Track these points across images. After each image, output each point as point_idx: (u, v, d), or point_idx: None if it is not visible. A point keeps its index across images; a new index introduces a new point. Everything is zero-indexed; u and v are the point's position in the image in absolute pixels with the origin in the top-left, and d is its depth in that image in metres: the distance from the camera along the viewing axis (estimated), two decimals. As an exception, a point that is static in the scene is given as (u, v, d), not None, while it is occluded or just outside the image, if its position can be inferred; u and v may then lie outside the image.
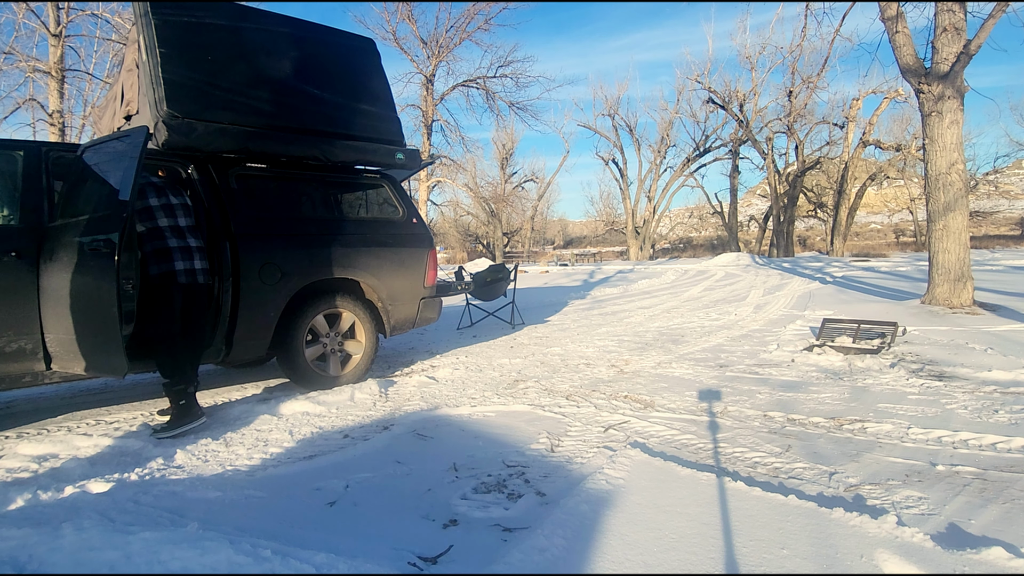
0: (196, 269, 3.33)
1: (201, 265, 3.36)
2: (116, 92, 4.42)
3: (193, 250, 3.35)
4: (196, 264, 3.34)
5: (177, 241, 3.31)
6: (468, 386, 4.08)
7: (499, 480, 2.37)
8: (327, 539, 1.88)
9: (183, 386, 3.18)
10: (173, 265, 3.25)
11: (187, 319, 3.31)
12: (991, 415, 3.01)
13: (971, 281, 6.83)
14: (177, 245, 3.29)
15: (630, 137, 34.37)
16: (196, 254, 3.36)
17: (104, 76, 16.95)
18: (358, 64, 4.67)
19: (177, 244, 3.30)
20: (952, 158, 6.81)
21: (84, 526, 1.77)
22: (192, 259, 3.33)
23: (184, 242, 3.33)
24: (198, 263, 3.35)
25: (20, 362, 3.09)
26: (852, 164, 24.42)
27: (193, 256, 3.34)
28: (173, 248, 3.27)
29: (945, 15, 6.71)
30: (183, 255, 3.30)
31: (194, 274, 3.31)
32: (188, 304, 3.31)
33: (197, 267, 3.34)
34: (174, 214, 3.36)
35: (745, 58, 27.68)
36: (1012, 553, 1.62)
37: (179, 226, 3.35)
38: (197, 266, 3.34)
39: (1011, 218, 39.94)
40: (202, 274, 3.37)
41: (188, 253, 3.32)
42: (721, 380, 4.03)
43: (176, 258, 3.27)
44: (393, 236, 4.54)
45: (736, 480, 2.21)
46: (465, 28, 24.73)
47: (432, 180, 28.63)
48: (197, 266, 3.34)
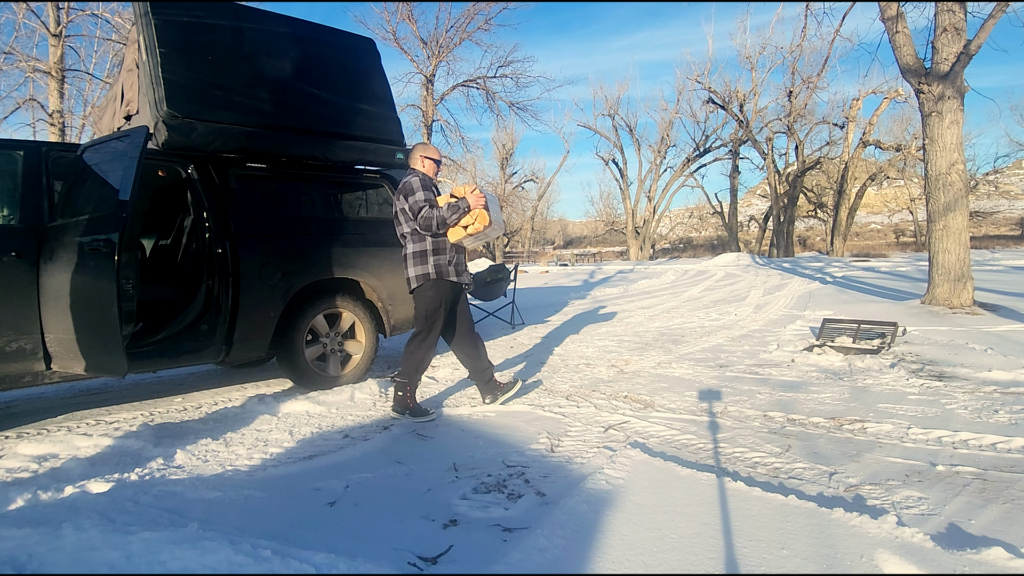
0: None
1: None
2: (116, 92, 4.42)
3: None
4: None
5: None
6: (468, 386, 4.08)
7: (499, 480, 2.37)
8: (327, 539, 1.88)
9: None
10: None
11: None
12: (991, 415, 3.01)
13: (971, 281, 6.82)
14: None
15: (630, 137, 34.40)
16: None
17: (104, 76, 16.98)
18: (358, 64, 4.67)
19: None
20: (952, 158, 6.81)
21: (84, 526, 1.77)
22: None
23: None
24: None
25: (20, 362, 3.09)
26: (852, 164, 24.42)
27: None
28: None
29: (945, 15, 6.71)
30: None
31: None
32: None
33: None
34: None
35: (745, 58, 27.73)
36: (1012, 553, 1.62)
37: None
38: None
39: (1011, 218, 39.94)
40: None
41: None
42: (721, 380, 4.03)
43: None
44: (393, 236, 4.53)
45: (736, 480, 2.21)
46: (465, 28, 24.77)
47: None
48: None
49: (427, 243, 3.33)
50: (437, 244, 3.34)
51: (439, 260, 3.33)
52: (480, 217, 3.30)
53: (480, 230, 3.32)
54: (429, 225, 3.24)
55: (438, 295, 3.35)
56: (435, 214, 3.23)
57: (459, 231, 3.34)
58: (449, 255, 3.37)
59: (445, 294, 3.37)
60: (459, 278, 3.41)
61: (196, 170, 3.73)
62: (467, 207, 3.27)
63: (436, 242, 3.33)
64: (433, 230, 3.27)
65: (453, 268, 3.38)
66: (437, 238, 3.33)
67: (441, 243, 3.35)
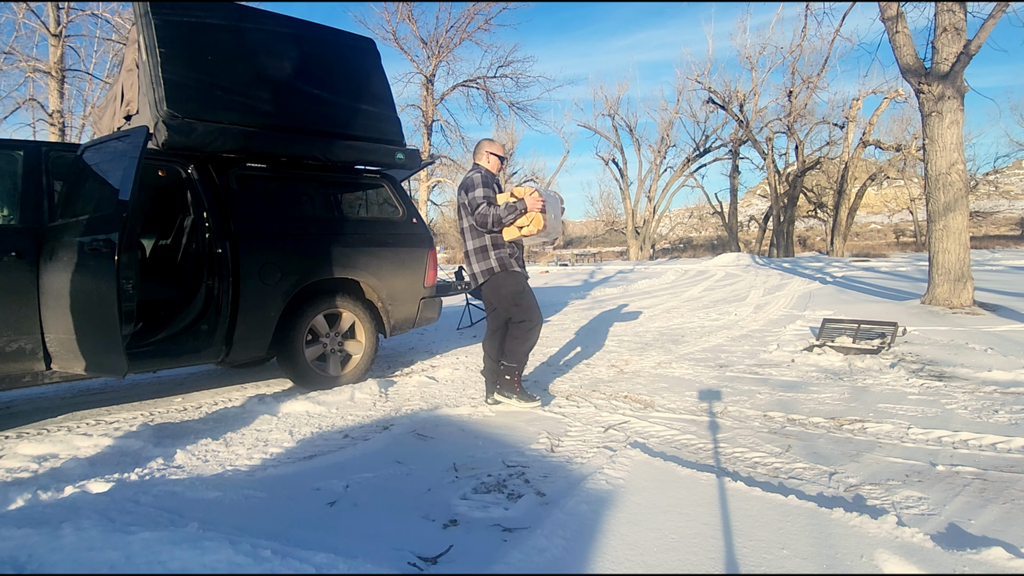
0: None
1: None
2: (116, 92, 4.42)
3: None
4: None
5: None
6: (468, 386, 4.08)
7: (499, 480, 2.37)
8: (327, 539, 1.88)
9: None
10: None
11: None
12: (991, 415, 3.01)
13: (971, 281, 6.82)
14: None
15: (630, 137, 34.39)
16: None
17: (104, 76, 16.98)
18: (358, 64, 4.67)
19: None
20: (952, 158, 6.81)
21: (84, 526, 1.77)
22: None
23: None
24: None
25: (20, 362, 3.09)
26: (852, 164, 24.41)
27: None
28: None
29: (945, 15, 6.71)
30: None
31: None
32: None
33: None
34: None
35: (745, 58, 27.71)
36: (1012, 553, 1.62)
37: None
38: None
39: (1011, 218, 39.94)
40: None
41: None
42: (721, 380, 4.03)
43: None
44: (393, 236, 4.54)
45: (736, 480, 2.21)
46: (465, 28, 24.75)
47: (432, 180, 28.63)
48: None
49: (486, 239, 3.39)
50: (496, 238, 3.40)
51: (500, 253, 3.39)
52: (535, 220, 3.34)
53: (534, 232, 3.37)
54: (485, 222, 3.29)
55: (516, 280, 3.40)
56: (491, 212, 3.28)
57: (514, 231, 3.38)
58: (509, 248, 3.43)
59: (520, 279, 3.42)
60: (521, 270, 3.47)
61: (196, 170, 3.73)
62: (524, 209, 3.30)
63: (495, 237, 3.40)
64: (488, 227, 3.32)
65: (514, 261, 3.43)
66: (494, 233, 3.39)
67: (499, 237, 3.41)
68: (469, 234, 3.44)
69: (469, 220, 3.41)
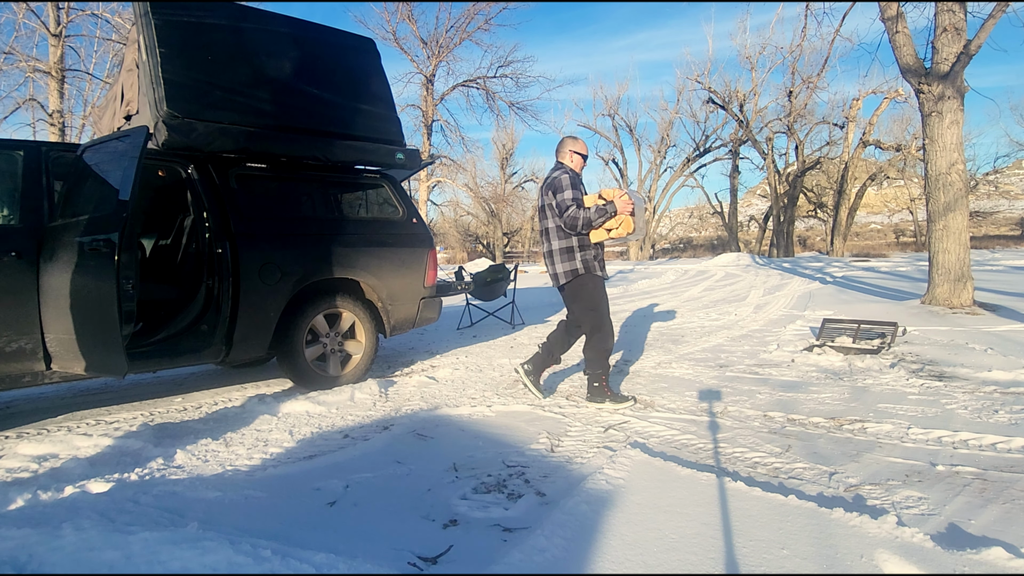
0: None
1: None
2: (116, 92, 4.42)
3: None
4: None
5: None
6: (468, 386, 4.08)
7: (499, 480, 2.37)
8: (327, 539, 1.88)
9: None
10: None
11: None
12: (991, 415, 3.01)
13: (971, 281, 6.82)
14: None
15: (630, 137, 34.40)
16: None
17: (104, 76, 16.98)
18: (358, 64, 4.67)
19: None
20: (952, 158, 6.81)
21: (84, 526, 1.77)
22: None
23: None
24: None
25: (20, 362, 3.09)
26: (852, 164, 24.41)
27: None
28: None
29: (945, 15, 6.71)
30: None
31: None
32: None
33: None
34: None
35: (745, 58, 27.71)
36: (1012, 553, 1.62)
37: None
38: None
39: (1011, 218, 39.93)
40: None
41: None
42: (721, 380, 4.03)
43: None
44: (393, 236, 4.54)
45: (736, 480, 2.21)
46: (465, 28, 24.77)
47: (432, 180, 28.64)
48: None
49: (573, 240, 3.40)
50: (582, 240, 3.41)
51: (586, 256, 3.40)
52: (625, 223, 3.35)
53: (623, 235, 3.38)
54: (575, 225, 3.29)
55: (597, 285, 3.42)
56: (581, 215, 3.27)
57: (602, 233, 3.39)
58: (593, 250, 3.44)
59: (600, 284, 3.45)
60: (602, 273, 3.48)
61: (196, 170, 3.73)
62: (614, 212, 3.31)
63: (581, 238, 3.41)
64: (577, 230, 3.32)
65: (597, 263, 3.45)
66: (581, 235, 3.39)
67: (586, 239, 3.42)
68: (555, 234, 3.43)
69: (555, 221, 3.41)
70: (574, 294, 3.45)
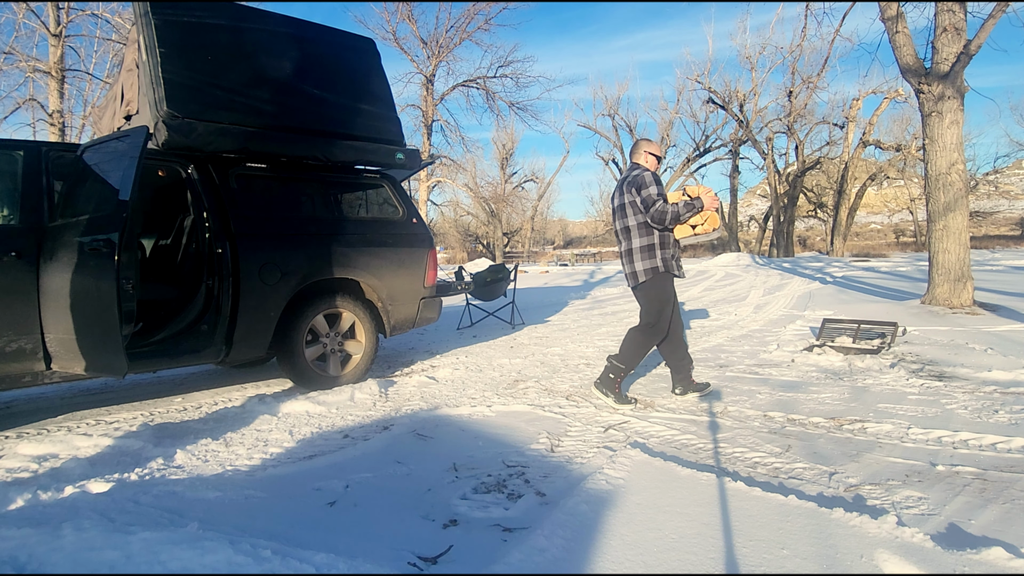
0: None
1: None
2: (116, 92, 4.42)
3: None
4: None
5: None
6: (468, 386, 4.08)
7: (499, 480, 2.37)
8: (327, 539, 1.88)
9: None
10: None
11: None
12: (991, 415, 3.01)
13: (971, 281, 6.82)
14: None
15: (630, 137, 34.31)
16: None
17: (104, 76, 16.98)
18: (358, 64, 4.67)
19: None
20: (952, 158, 6.81)
21: (84, 526, 1.77)
22: None
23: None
24: None
25: (20, 362, 3.09)
26: (852, 164, 24.41)
27: None
28: None
29: (945, 15, 6.71)
30: None
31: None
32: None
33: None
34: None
35: (745, 58, 27.69)
36: (1012, 553, 1.62)
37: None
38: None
39: (1011, 218, 39.93)
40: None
41: None
42: (721, 380, 4.03)
43: None
44: (393, 236, 4.54)
45: (736, 480, 2.21)
46: (465, 28, 24.78)
47: (432, 180, 28.63)
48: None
49: (655, 237, 3.40)
50: (663, 238, 3.41)
51: (665, 254, 3.41)
52: (711, 219, 3.37)
53: (707, 231, 3.39)
54: (662, 218, 3.29)
55: (669, 285, 3.44)
56: (669, 209, 3.28)
57: (687, 229, 3.40)
58: (673, 249, 3.45)
59: (672, 285, 3.46)
60: (679, 272, 3.49)
61: (196, 170, 3.73)
62: (701, 207, 3.32)
63: (663, 236, 3.41)
64: (664, 224, 3.33)
65: (675, 263, 3.46)
66: (664, 232, 3.40)
67: (667, 237, 3.43)
68: (636, 232, 3.44)
69: (636, 218, 3.42)
70: (647, 290, 3.46)
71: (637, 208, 3.40)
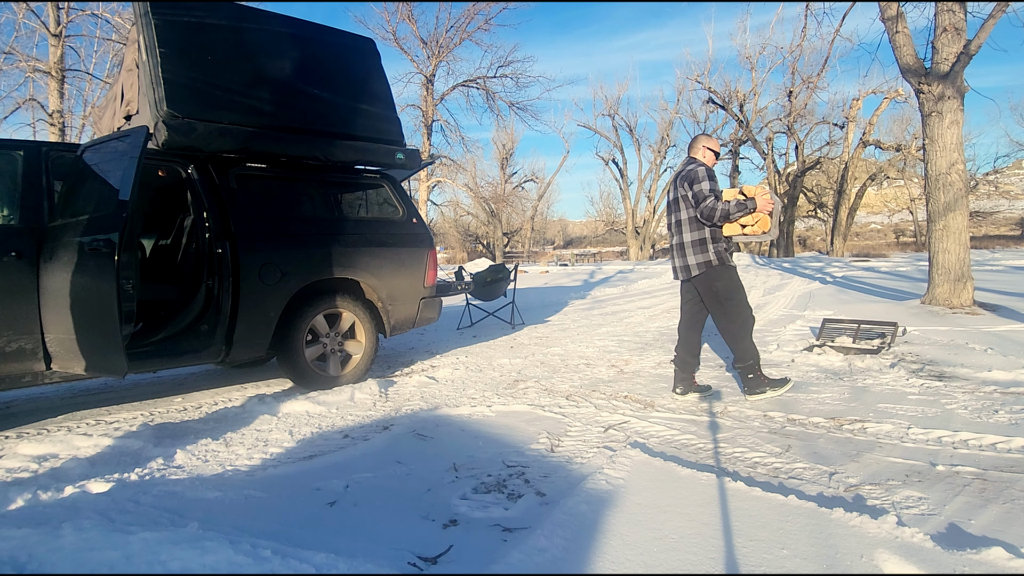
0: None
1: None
2: (116, 92, 4.42)
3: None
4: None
5: None
6: (468, 386, 4.08)
7: (499, 480, 2.37)
8: (327, 539, 1.88)
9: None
10: None
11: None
12: (991, 415, 3.00)
13: (971, 281, 6.82)
14: None
15: (630, 137, 34.42)
16: None
17: (104, 76, 16.98)
18: (358, 64, 4.67)
19: None
20: (952, 158, 6.81)
21: (84, 526, 1.77)
22: None
23: None
24: None
25: (20, 362, 3.09)
26: (852, 164, 24.41)
27: None
28: None
29: (945, 15, 6.71)
30: None
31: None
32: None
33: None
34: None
35: (745, 58, 27.71)
36: (1012, 553, 1.62)
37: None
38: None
39: (1011, 218, 39.91)
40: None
41: None
42: (721, 380, 4.03)
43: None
44: (393, 236, 4.54)
45: (736, 480, 2.21)
46: (465, 28, 24.78)
47: (432, 180, 28.63)
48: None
49: (706, 232, 3.43)
50: (715, 232, 3.44)
51: (718, 247, 3.43)
52: (762, 221, 3.37)
53: (756, 233, 3.40)
54: (712, 216, 3.31)
55: (732, 275, 3.47)
56: (719, 206, 3.30)
57: (736, 227, 3.41)
58: (725, 243, 3.47)
59: (735, 274, 3.49)
60: (733, 263, 3.51)
61: (196, 170, 3.73)
62: (753, 208, 3.32)
63: (714, 231, 3.43)
64: (713, 221, 3.35)
65: (729, 255, 3.48)
66: (714, 227, 3.42)
67: (718, 231, 3.44)
68: (687, 226, 3.46)
69: (689, 212, 3.44)
70: (709, 286, 3.47)
71: (689, 203, 3.42)
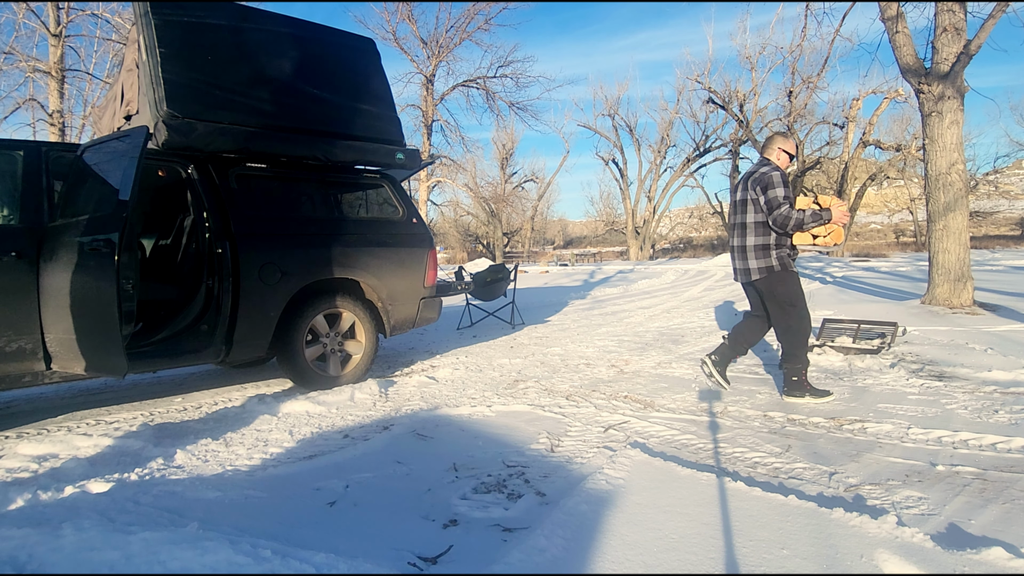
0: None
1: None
2: (116, 92, 4.42)
3: None
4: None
5: None
6: (468, 386, 4.08)
7: (499, 480, 2.37)
8: (327, 539, 1.88)
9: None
10: None
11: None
12: (991, 415, 3.01)
13: (971, 281, 6.82)
14: None
15: (630, 137, 34.44)
16: None
17: (104, 76, 16.98)
18: (358, 64, 4.67)
19: None
20: (952, 158, 6.81)
21: (84, 526, 1.77)
22: None
23: None
24: None
25: (20, 362, 3.09)
26: (852, 164, 24.41)
27: None
28: None
29: (945, 15, 6.71)
30: None
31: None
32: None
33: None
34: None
35: (745, 58, 27.69)
36: (1012, 553, 1.62)
37: None
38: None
39: (1011, 218, 39.89)
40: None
41: None
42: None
43: None
44: (393, 236, 4.54)
45: (736, 480, 2.21)
46: (465, 28, 24.79)
47: (432, 180, 28.63)
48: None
49: (771, 237, 3.40)
50: (780, 238, 3.41)
51: (781, 253, 3.42)
52: (835, 233, 3.35)
53: (828, 244, 3.39)
54: (785, 224, 3.27)
55: (794, 281, 3.45)
56: (795, 215, 3.25)
57: (807, 237, 3.39)
58: (788, 248, 3.45)
59: (796, 279, 3.48)
60: (795, 269, 3.50)
61: (196, 170, 3.73)
62: (828, 219, 3.29)
63: (780, 237, 3.40)
64: (786, 230, 3.31)
65: (792, 261, 3.47)
66: (783, 234, 3.39)
67: (783, 238, 3.42)
68: (752, 230, 3.43)
69: (756, 216, 3.40)
70: (770, 291, 3.46)
71: (759, 207, 3.36)
